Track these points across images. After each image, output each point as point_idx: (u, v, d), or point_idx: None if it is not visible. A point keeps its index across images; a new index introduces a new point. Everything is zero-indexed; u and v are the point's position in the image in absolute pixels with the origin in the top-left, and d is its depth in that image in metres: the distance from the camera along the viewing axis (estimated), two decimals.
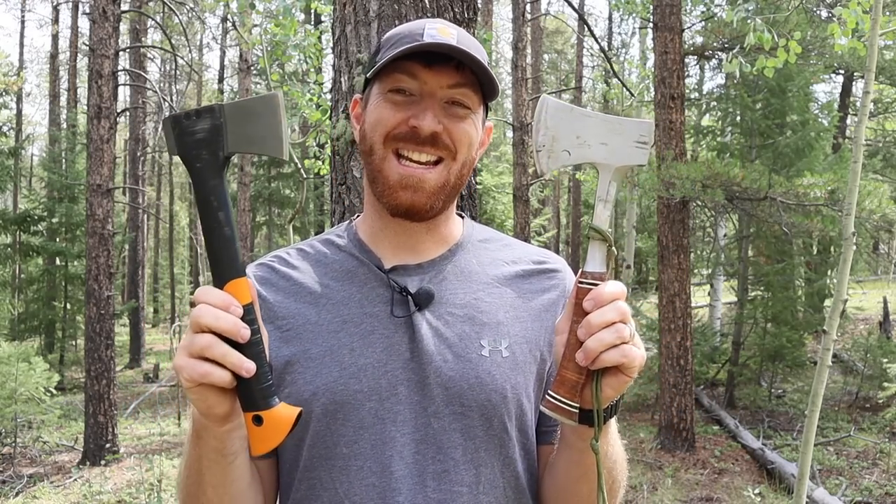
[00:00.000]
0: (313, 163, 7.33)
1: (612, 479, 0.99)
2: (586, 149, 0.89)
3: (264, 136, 0.82)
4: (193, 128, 0.83)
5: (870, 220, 7.94)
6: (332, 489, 0.96)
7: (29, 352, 8.72)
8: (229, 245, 0.82)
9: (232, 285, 0.81)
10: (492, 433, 0.98)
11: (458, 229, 1.11)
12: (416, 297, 1.00)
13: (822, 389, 2.66)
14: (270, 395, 0.82)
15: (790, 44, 4.98)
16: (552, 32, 27.20)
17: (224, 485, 0.92)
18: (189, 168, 0.83)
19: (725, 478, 6.97)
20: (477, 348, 0.99)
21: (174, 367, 0.80)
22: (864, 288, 16.08)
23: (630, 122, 0.88)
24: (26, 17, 27.14)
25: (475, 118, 1.02)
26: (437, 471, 0.96)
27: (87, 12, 13.12)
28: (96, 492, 6.75)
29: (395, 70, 0.97)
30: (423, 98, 0.98)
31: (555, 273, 1.10)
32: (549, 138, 0.89)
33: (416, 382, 0.97)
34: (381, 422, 0.96)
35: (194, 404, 0.82)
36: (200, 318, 0.78)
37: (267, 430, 0.81)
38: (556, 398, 0.87)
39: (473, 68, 0.98)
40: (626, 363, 0.83)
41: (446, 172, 1.00)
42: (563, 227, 26.12)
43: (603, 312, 0.83)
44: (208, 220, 0.82)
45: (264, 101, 0.83)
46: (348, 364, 0.97)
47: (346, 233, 1.10)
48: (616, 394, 0.87)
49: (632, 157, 0.87)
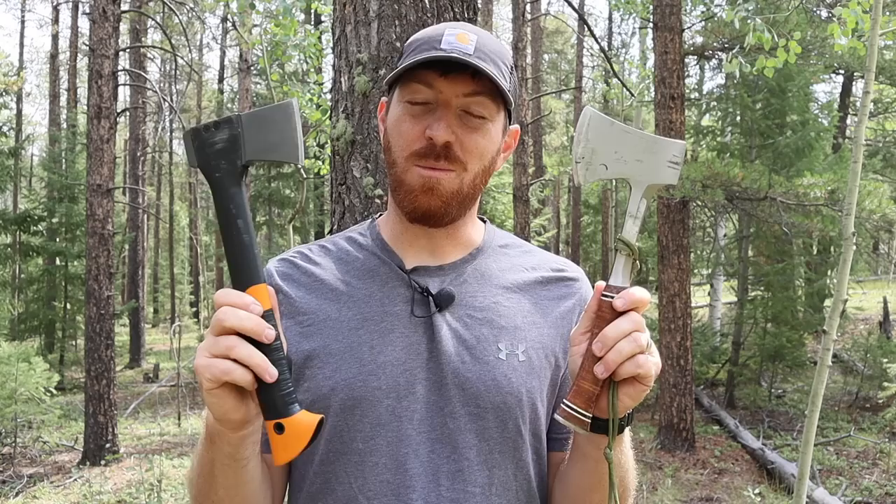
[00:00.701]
0: (313, 163, 7.34)
1: (624, 488, 1.00)
2: (622, 164, 0.90)
3: (280, 142, 0.84)
4: (212, 139, 0.84)
5: (870, 220, 7.95)
6: (347, 484, 0.98)
7: (29, 352, 8.72)
8: (248, 251, 0.83)
9: (252, 291, 0.82)
10: (506, 435, 0.99)
11: (479, 234, 1.12)
12: (437, 298, 1.01)
13: (822, 389, 2.66)
14: (292, 401, 0.82)
15: (790, 44, 4.98)
16: (552, 32, 27.20)
17: (236, 486, 0.93)
18: (208, 178, 0.85)
19: (725, 478, 6.97)
20: (494, 351, 1.00)
21: (195, 368, 0.80)
22: (864, 288, 16.09)
23: (665, 142, 0.90)
24: (26, 17, 27.18)
25: (492, 126, 1.02)
26: (452, 470, 0.97)
27: (87, 12, 13.12)
28: (96, 492, 6.75)
29: (412, 79, 0.99)
30: (439, 107, 0.98)
31: (573, 282, 1.11)
32: (589, 151, 0.90)
33: (433, 382, 0.98)
34: (398, 419, 0.97)
35: (210, 408, 0.82)
36: (224, 320, 0.78)
37: (289, 437, 0.82)
38: (572, 408, 0.87)
39: (487, 76, 0.98)
40: (643, 373, 0.85)
41: (458, 181, 1.00)
42: (563, 227, 26.12)
43: (618, 324, 0.84)
44: (228, 228, 0.84)
45: (280, 109, 0.84)
46: (367, 361, 0.98)
47: (368, 231, 1.12)
48: (633, 403, 0.88)
49: (664, 177, 0.90)
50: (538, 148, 20.13)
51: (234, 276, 0.83)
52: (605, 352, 0.84)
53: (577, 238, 20.85)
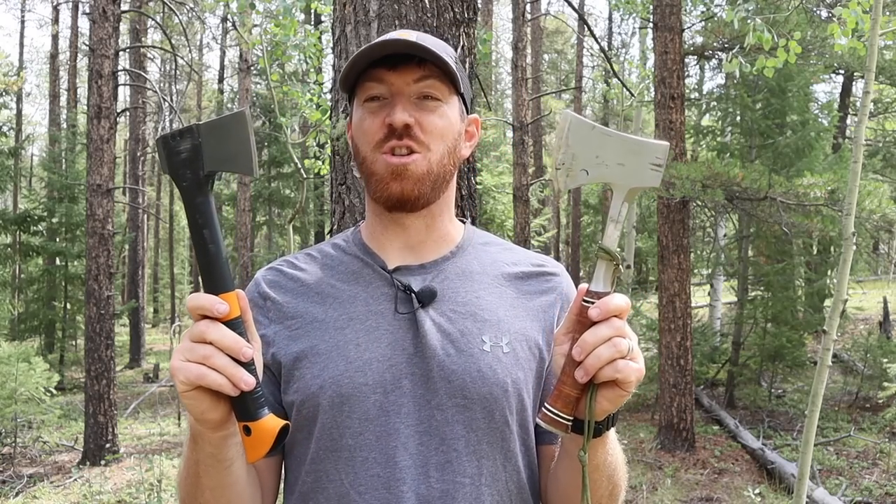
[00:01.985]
0: (313, 163, 7.33)
1: (613, 485, 1.02)
2: (604, 168, 0.89)
3: (235, 154, 0.84)
4: (178, 147, 0.85)
5: (870, 220, 7.94)
6: (338, 480, 0.99)
7: (29, 352, 8.72)
8: (215, 260, 0.85)
9: (222, 298, 0.84)
10: (493, 426, 1.01)
11: (458, 233, 1.15)
12: (420, 295, 1.03)
13: (822, 389, 2.66)
14: (260, 406, 0.85)
15: (790, 44, 4.98)
16: (552, 32, 27.20)
17: (222, 487, 0.94)
18: (178, 187, 0.86)
19: (725, 478, 6.97)
20: (479, 343, 1.02)
21: (170, 369, 0.83)
22: (864, 288, 16.08)
23: (647, 144, 0.88)
24: (26, 17, 27.18)
25: (447, 108, 1.06)
26: (441, 462, 0.98)
27: (87, 12, 13.12)
28: (96, 492, 6.75)
29: (365, 80, 1.04)
30: (394, 97, 1.03)
31: (552, 276, 1.13)
32: (570, 156, 0.89)
33: (419, 376, 1.00)
34: (386, 414, 0.99)
35: (188, 409, 0.85)
36: (206, 333, 0.82)
37: (255, 439, 0.85)
38: (552, 411, 0.88)
39: (431, 60, 1.02)
40: (622, 378, 0.85)
41: (426, 161, 1.03)
42: (563, 227, 26.11)
43: (598, 329, 0.85)
44: (195, 238, 0.86)
45: (234, 119, 0.85)
46: (354, 358, 1.00)
47: (351, 237, 1.15)
48: (612, 407, 0.89)
49: (646, 179, 0.88)
50: (538, 148, 20.14)
51: (205, 285, 0.85)
52: (584, 357, 0.85)
53: (577, 238, 20.84)
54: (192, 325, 0.84)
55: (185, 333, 0.84)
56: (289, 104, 11.69)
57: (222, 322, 0.83)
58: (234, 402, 0.85)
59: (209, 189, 0.86)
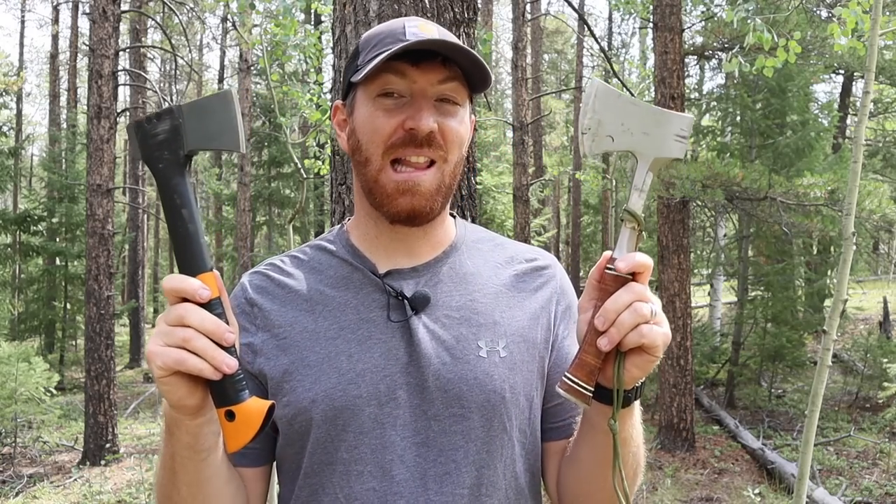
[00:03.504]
0: (313, 163, 7.32)
1: (636, 464, 0.99)
2: (629, 136, 0.89)
3: (221, 131, 0.84)
4: (154, 130, 0.85)
5: (870, 220, 7.94)
6: (333, 494, 0.96)
7: (29, 352, 8.72)
8: (194, 240, 0.84)
9: (200, 279, 0.83)
10: (492, 434, 0.98)
11: (451, 231, 1.11)
12: (412, 301, 0.99)
13: (822, 389, 2.66)
14: (242, 388, 0.82)
15: (790, 44, 4.98)
16: (552, 32, 27.19)
17: (198, 483, 0.92)
18: (153, 170, 0.85)
19: (725, 478, 6.97)
20: (475, 350, 0.99)
21: (147, 355, 0.80)
22: (864, 288, 16.08)
23: (673, 115, 0.89)
24: (26, 17, 27.16)
25: (464, 112, 1.01)
26: (439, 473, 0.95)
27: (87, 12, 13.12)
28: (96, 492, 6.75)
29: (383, 71, 0.95)
30: (415, 98, 0.96)
31: (545, 269, 1.10)
32: (596, 122, 0.89)
33: (414, 386, 0.97)
34: (381, 426, 0.95)
35: (165, 396, 0.82)
36: (185, 317, 0.79)
37: (239, 424, 0.82)
38: (574, 381, 0.86)
39: (462, 61, 0.96)
40: (648, 343, 0.83)
41: (440, 174, 0.99)
42: (563, 227, 26.11)
43: (618, 296, 0.84)
44: (173, 218, 0.84)
45: (219, 98, 0.84)
46: (346, 370, 0.96)
47: (337, 238, 1.10)
48: (642, 374, 0.87)
49: (671, 150, 0.89)
50: (538, 148, 20.13)
51: (182, 265, 0.84)
52: (607, 326, 0.83)
53: (577, 238, 20.85)
54: (168, 309, 0.81)
55: (161, 317, 0.81)
56: (289, 104, 11.69)
57: (201, 305, 0.81)
58: (214, 388, 0.82)
59: (188, 170, 0.85)
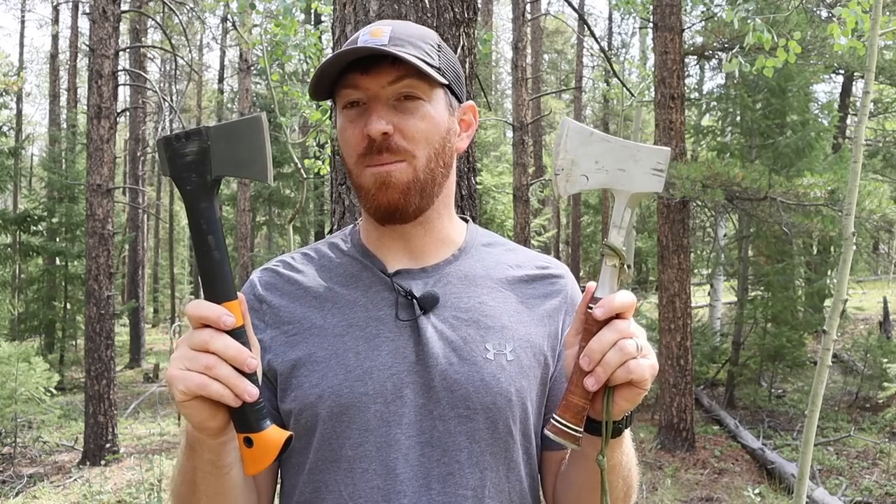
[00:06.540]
0: (313, 163, 7.32)
1: (628, 486, 1.00)
2: (604, 174, 0.88)
3: (249, 159, 0.82)
4: (183, 150, 0.82)
5: (870, 220, 7.94)
6: (337, 491, 0.96)
7: (29, 352, 8.71)
8: (219, 268, 0.82)
9: (224, 307, 0.82)
10: (497, 436, 0.98)
11: (461, 233, 1.11)
12: (421, 301, 1.00)
13: (822, 389, 2.66)
14: (263, 417, 0.82)
15: (790, 44, 4.98)
16: (552, 32, 27.20)
17: (219, 494, 0.92)
18: (180, 190, 0.83)
19: (725, 478, 6.97)
20: (482, 352, 0.99)
21: (167, 378, 0.80)
22: (864, 288, 16.09)
23: (648, 149, 0.87)
24: (26, 17, 27.16)
25: (430, 107, 0.99)
26: (443, 473, 0.96)
27: (87, 12, 13.12)
28: (96, 492, 6.75)
29: (341, 86, 0.99)
30: (370, 103, 0.97)
31: (557, 279, 1.10)
32: (569, 162, 0.88)
33: (421, 385, 0.97)
34: (387, 424, 0.96)
35: (187, 418, 0.82)
36: (208, 344, 0.79)
37: (257, 451, 0.82)
38: (562, 423, 0.86)
39: (407, 57, 0.95)
40: (636, 378, 0.84)
41: (411, 169, 0.98)
42: (563, 227, 26.11)
43: (602, 336, 0.84)
44: (199, 244, 0.82)
45: (249, 124, 0.82)
46: (354, 367, 0.97)
47: (349, 237, 1.11)
48: (631, 406, 0.88)
49: (648, 185, 0.86)
50: (538, 148, 20.13)
51: (207, 293, 0.82)
52: (593, 366, 0.84)
53: (577, 238, 20.84)
54: (190, 332, 0.81)
55: (182, 340, 0.81)
56: (289, 104, 11.69)
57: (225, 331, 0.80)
58: (234, 414, 0.82)
59: (215, 194, 0.83)
